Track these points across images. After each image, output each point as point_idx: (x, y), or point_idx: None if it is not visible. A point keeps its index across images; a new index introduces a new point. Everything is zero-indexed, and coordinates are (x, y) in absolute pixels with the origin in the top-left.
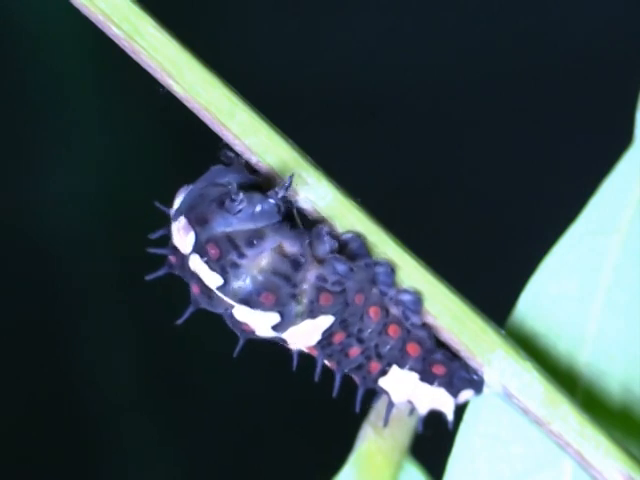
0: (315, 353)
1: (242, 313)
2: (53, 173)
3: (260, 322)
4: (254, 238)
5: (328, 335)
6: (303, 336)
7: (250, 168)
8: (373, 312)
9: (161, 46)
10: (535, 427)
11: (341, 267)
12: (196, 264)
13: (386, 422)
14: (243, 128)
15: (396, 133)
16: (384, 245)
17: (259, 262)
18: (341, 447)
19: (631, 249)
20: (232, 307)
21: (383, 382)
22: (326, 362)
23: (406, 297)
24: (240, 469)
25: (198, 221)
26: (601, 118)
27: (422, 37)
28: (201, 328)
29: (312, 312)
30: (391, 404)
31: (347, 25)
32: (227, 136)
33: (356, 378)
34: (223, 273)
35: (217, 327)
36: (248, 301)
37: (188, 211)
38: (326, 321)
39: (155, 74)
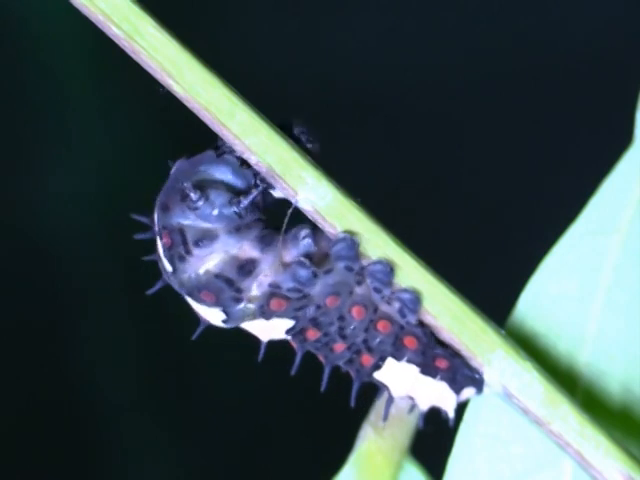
0: (294, 345)
1: (191, 303)
2: (53, 173)
3: (208, 314)
4: (204, 238)
5: (299, 332)
6: (263, 332)
7: (245, 162)
8: (356, 311)
9: (161, 46)
10: (535, 427)
11: (303, 273)
12: (157, 245)
13: (386, 417)
14: (243, 128)
15: (396, 133)
16: (384, 245)
17: (205, 262)
18: (341, 447)
19: (631, 249)
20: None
21: (380, 375)
22: (318, 356)
23: (405, 296)
24: (240, 469)
25: (161, 206)
26: (601, 118)
27: (422, 37)
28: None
29: (264, 314)
30: (391, 398)
31: (347, 25)
32: (227, 136)
33: (351, 372)
34: (172, 262)
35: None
36: (191, 295)
37: (160, 193)
38: (283, 323)
39: (155, 74)
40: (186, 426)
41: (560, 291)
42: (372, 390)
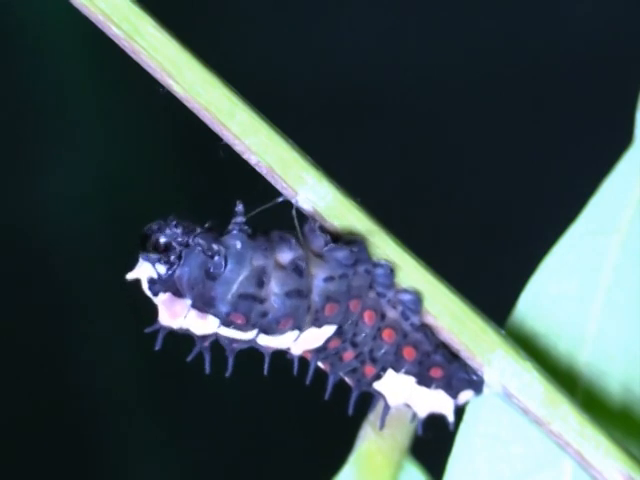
0: (309, 356)
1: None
2: (53, 173)
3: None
4: (261, 278)
5: (325, 342)
6: (305, 344)
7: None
8: (368, 316)
9: (161, 46)
10: (535, 427)
11: (341, 254)
12: (226, 332)
13: (382, 425)
14: (243, 128)
15: (396, 133)
16: (384, 245)
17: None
18: (341, 447)
19: (631, 249)
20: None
21: (378, 385)
22: (320, 364)
23: (406, 297)
24: (240, 469)
25: (206, 304)
26: (601, 118)
27: (422, 37)
28: None
29: (318, 321)
30: (387, 407)
31: (347, 25)
32: (227, 136)
33: (350, 381)
34: (254, 327)
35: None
36: (225, 323)
37: (194, 299)
38: (330, 330)
39: (155, 74)
40: (186, 426)
41: (560, 291)
42: (369, 393)
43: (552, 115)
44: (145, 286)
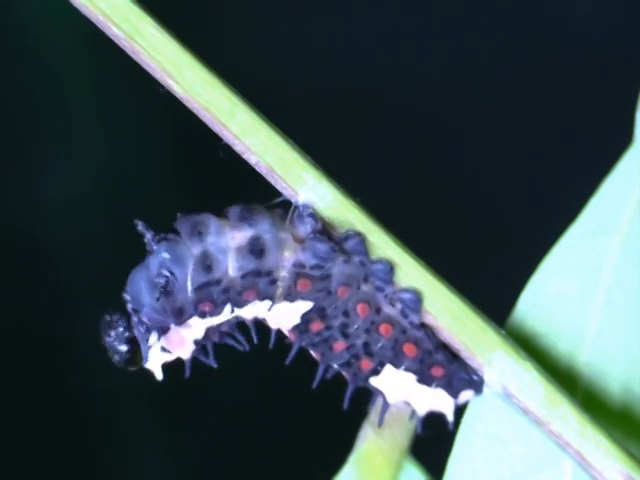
0: (293, 338)
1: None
2: (53, 173)
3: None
4: (206, 263)
5: (305, 321)
6: (277, 318)
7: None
8: (361, 309)
9: (161, 46)
10: (535, 427)
11: (321, 246)
12: (208, 323)
13: (380, 423)
14: (243, 128)
15: (396, 133)
16: (384, 245)
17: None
18: (341, 447)
19: (631, 249)
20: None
21: (377, 382)
22: (314, 355)
23: (406, 295)
24: (240, 469)
25: (180, 314)
26: (601, 118)
27: (422, 37)
28: None
29: (290, 296)
30: (386, 405)
31: (347, 25)
32: (227, 136)
33: (346, 375)
34: (225, 304)
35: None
36: (237, 303)
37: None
38: (304, 307)
39: (155, 74)
40: (186, 426)
41: (560, 291)
42: (370, 391)
43: (552, 115)
44: (144, 351)
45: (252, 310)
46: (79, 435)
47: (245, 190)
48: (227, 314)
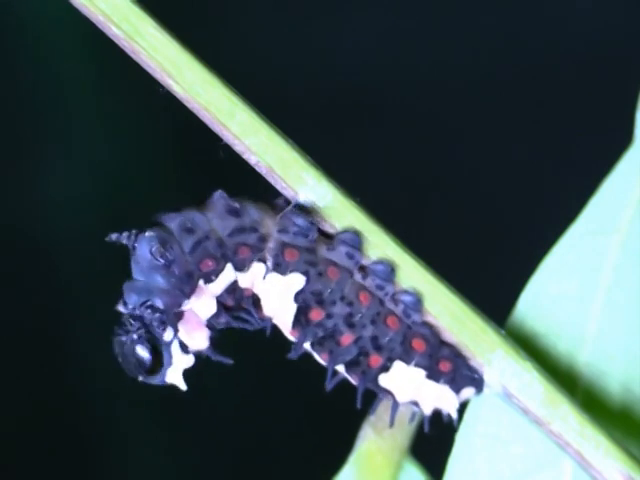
0: (296, 335)
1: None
2: (53, 173)
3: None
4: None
5: (303, 309)
6: (277, 298)
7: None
8: (363, 297)
9: (161, 46)
10: (535, 427)
11: (299, 220)
12: (218, 288)
13: (392, 423)
14: (243, 128)
15: (396, 133)
16: (384, 245)
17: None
18: (341, 447)
19: (631, 249)
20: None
21: (387, 381)
22: (320, 359)
23: (406, 298)
24: (240, 469)
25: (188, 280)
26: (601, 118)
27: (422, 37)
28: None
29: (279, 267)
30: (396, 404)
31: (347, 25)
32: (227, 136)
33: (355, 377)
34: (225, 261)
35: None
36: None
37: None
38: (296, 281)
39: (155, 74)
40: (186, 426)
41: (560, 291)
42: (371, 391)
43: (552, 115)
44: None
45: (250, 278)
46: (79, 435)
47: (245, 190)
48: (230, 275)
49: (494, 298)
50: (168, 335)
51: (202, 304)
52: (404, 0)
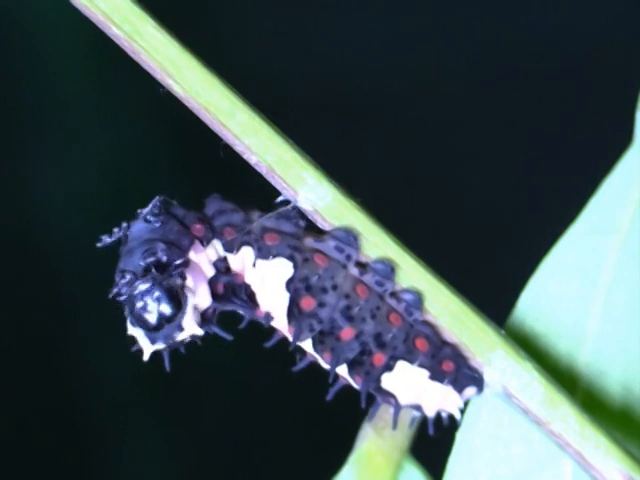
0: (291, 331)
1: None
2: (53, 173)
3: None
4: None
5: (293, 298)
6: (269, 288)
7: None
8: (360, 290)
9: (161, 46)
10: (535, 427)
11: (285, 211)
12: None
13: (395, 425)
14: (243, 128)
15: (396, 133)
16: (384, 245)
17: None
18: (341, 447)
19: (631, 249)
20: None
21: (390, 382)
22: (323, 362)
23: (408, 296)
24: (240, 468)
25: (184, 221)
26: (601, 118)
27: (422, 37)
28: None
29: (261, 251)
30: (398, 406)
31: (347, 25)
32: (227, 136)
33: (357, 380)
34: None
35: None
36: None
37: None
38: (282, 267)
39: (155, 74)
40: (186, 426)
41: (560, 291)
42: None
43: (552, 115)
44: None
45: (240, 261)
46: (79, 435)
47: (245, 190)
48: (219, 249)
49: (494, 298)
50: (178, 283)
51: (203, 255)
52: (404, 0)
